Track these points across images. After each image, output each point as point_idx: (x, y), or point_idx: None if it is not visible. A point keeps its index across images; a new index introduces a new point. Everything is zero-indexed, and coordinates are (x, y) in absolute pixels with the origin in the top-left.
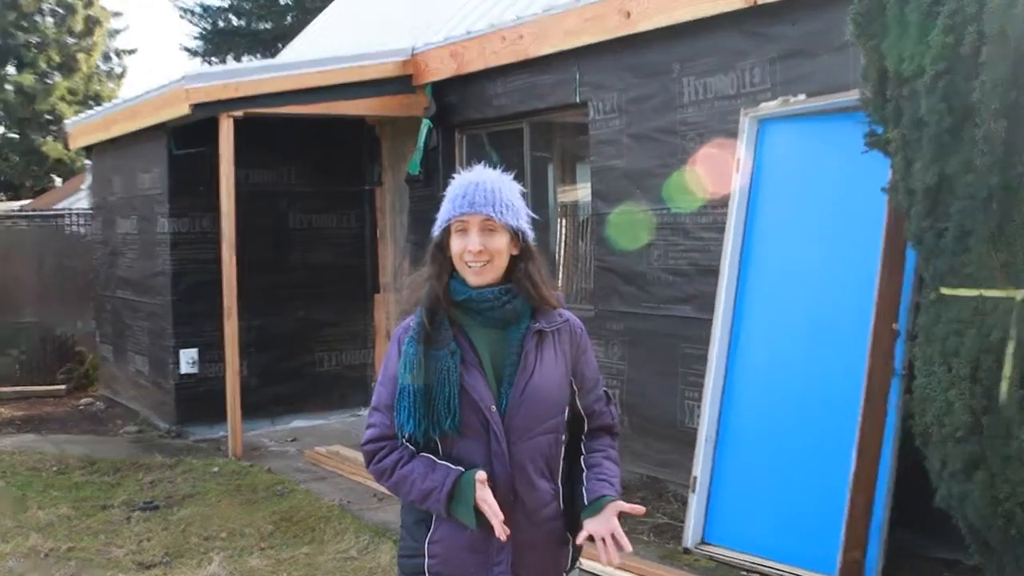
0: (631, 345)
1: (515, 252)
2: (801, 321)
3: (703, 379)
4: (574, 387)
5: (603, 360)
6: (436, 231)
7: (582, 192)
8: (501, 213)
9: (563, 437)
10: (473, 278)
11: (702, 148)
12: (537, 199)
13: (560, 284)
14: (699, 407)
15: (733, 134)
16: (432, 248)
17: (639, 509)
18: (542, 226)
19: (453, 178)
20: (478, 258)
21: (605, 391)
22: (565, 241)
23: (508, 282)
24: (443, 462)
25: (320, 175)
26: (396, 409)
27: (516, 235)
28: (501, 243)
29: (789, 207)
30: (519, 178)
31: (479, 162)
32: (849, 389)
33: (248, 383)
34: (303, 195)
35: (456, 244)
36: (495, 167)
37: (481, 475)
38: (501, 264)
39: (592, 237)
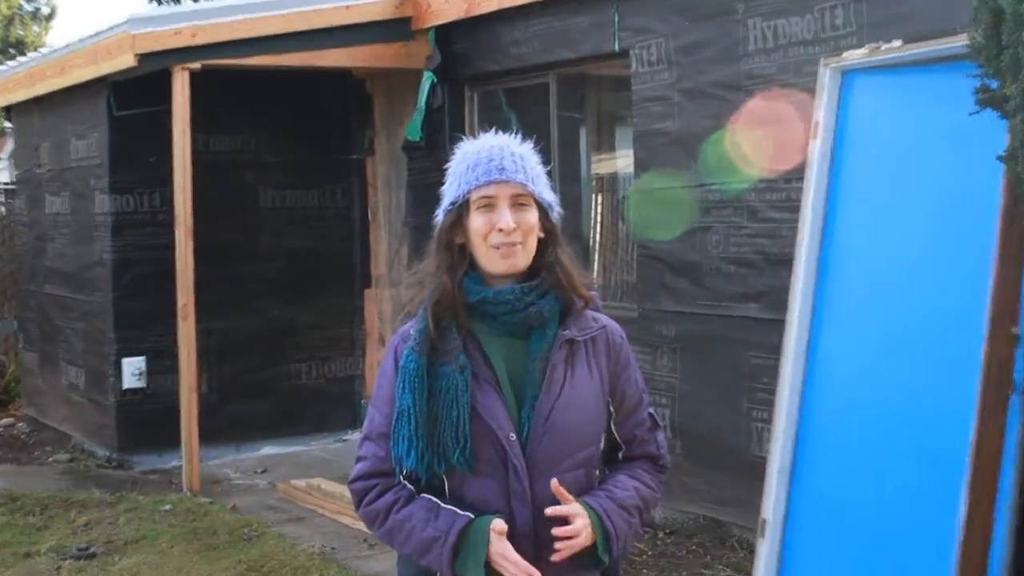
0: (684, 354)
1: (542, 235)
2: (896, 323)
3: (774, 396)
4: (611, 409)
5: (649, 373)
6: (444, 211)
7: (622, 162)
8: (534, 182)
9: (597, 472)
10: (502, 263)
11: (771, 107)
12: (566, 171)
13: (595, 277)
14: (769, 431)
15: (810, 89)
16: (440, 233)
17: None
18: (572, 204)
19: (458, 146)
20: (511, 237)
21: (650, 413)
22: (601, 223)
23: (531, 276)
24: (449, 506)
25: (297, 142)
26: (393, 438)
27: (543, 212)
28: (532, 219)
29: (880, 181)
30: (544, 144)
31: (492, 127)
32: (957, 408)
33: (208, 400)
34: (276, 166)
35: (479, 222)
36: (515, 133)
37: (499, 525)
38: (533, 247)
39: (635, 218)
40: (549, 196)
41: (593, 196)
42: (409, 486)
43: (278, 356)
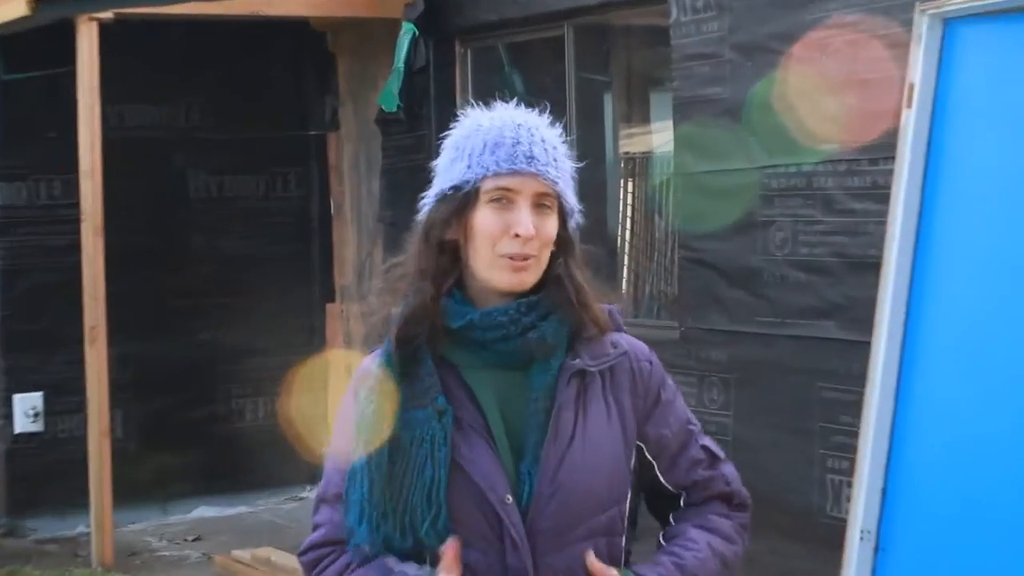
0: (739, 386)
1: (554, 247)
2: (1020, 345)
3: (856, 440)
4: (648, 458)
5: (692, 409)
6: (437, 196)
7: (659, 137)
8: (563, 179)
9: (623, 540)
10: (509, 277)
11: (851, 66)
12: (587, 150)
13: (624, 288)
14: (850, 485)
15: (903, 42)
16: (429, 225)
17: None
18: (595, 193)
19: (460, 117)
20: (527, 247)
21: (704, 447)
22: (632, 217)
23: (530, 292)
24: (404, 566)
25: (239, 114)
26: (344, 504)
27: (561, 219)
28: (554, 228)
29: (995, 160)
30: (558, 116)
31: (494, 94)
32: None
33: (124, 448)
34: (211, 145)
35: (490, 221)
36: (521, 102)
37: (449, 552)
38: (545, 262)
39: (675, 210)
40: (574, 201)
41: (621, 182)
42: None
43: (215, 391)
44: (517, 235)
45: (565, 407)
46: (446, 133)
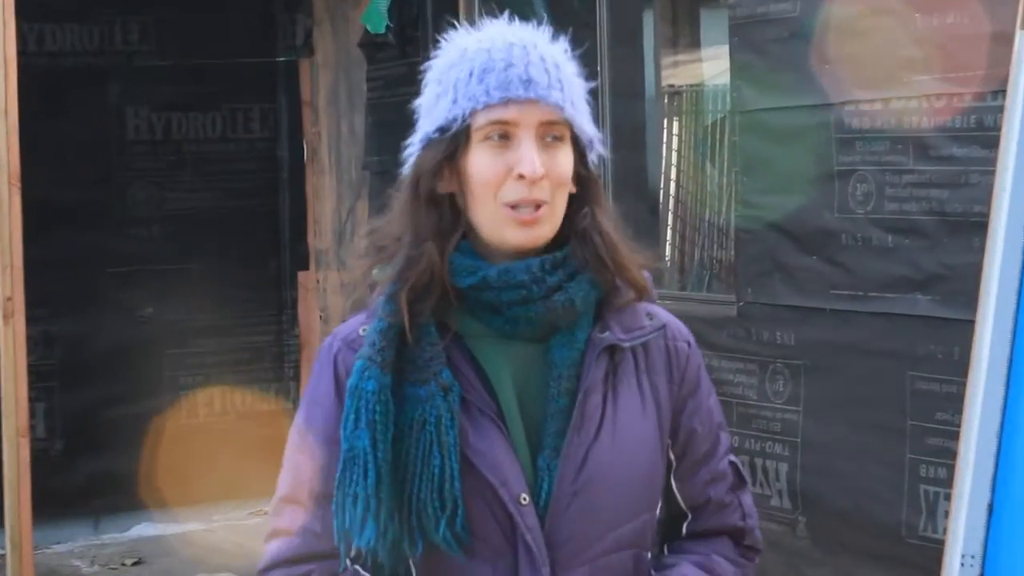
0: (811, 375)
1: (573, 189)
2: None
3: (955, 443)
4: (671, 456)
5: (754, 405)
6: (422, 141)
7: (711, 67)
8: (573, 105)
9: (650, 556)
10: (519, 232)
11: None
12: (622, 83)
13: (668, 253)
14: (948, 497)
15: None
16: (416, 176)
17: None
18: (631, 135)
19: (443, 39)
20: (535, 191)
21: (732, 462)
22: (678, 166)
23: (553, 248)
24: None
25: (190, 36)
26: (338, 500)
27: (579, 153)
28: (568, 165)
29: None
30: (587, 41)
31: (504, 10)
32: None
33: (47, 450)
34: (156, 75)
35: (486, 164)
36: (540, 23)
37: None
38: (561, 209)
39: (732, 157)
40: (591, 129)
41: (665, 123)
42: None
43: (160, 380)
44: (521, 176)
45: (592, 390)
46: (427, 64)
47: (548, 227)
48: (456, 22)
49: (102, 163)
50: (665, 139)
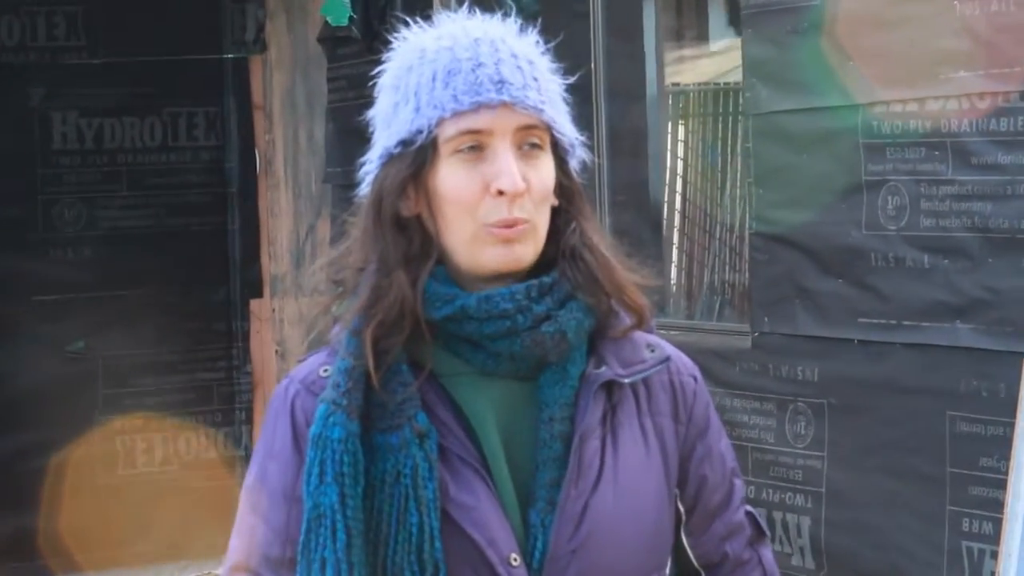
0: (837, 416)
1: (555, 201)
2: None
3: (1002, 492)
4: (679, 508)
5: (772, 450)
6: (382, 158)
7: (722, 63)
8: (551, 104)
9: None
10: (501, 254)
11: None
12: (619, 80)
13: (673, 276)
14: (994, 555)
15: None
16: (377, 198)
17: None
18: (631, 140)
19: (397, 40)
20: (516, 208)
21: (749, 512)
22: (684, 177)
23: (540, 272)
24: None
25: (125, 29)
26: (304, 567)
27: (559, 160)
28: (549, 176)
29: None
30: (577, 35)
31: (489, 3)
32: None
33: None
34: (87, 75)
35: (460, 180)
36: (512, 12)
37: None
38: (544, 226)
39: (746, 166)
40: (572, 130)
41: (669, 127)
42: None
43: (91, 424)
44: (501, 192)
45: (589, 433)
46: (380, 68)
47: (531, 247)
48: (430, 16)
49: (24, 176)
50: (669, 145)
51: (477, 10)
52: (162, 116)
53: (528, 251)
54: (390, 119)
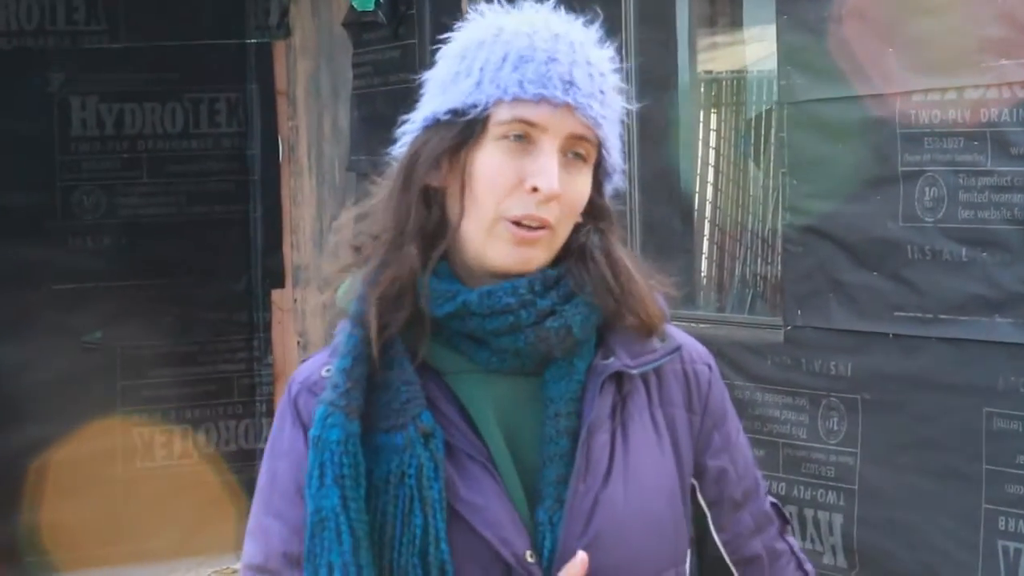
0: (871, 412)
1: (579, 218)
2: None
3: None
4: (700, 504)
5: (803, 446)
6: (428, 121)
7: (755, 51)
8: (608, 122)
9: None
10: (513, 252)
11: None
12: (651, 68)
13: (704, 268)
14: None
15: None
16: (412, 162)
17: None
18: (660, 130)
19: (467, 18)
20: (544, 211)
21: (774, 503)
22: (716, 167)
23: (552, 265)
24: None
25: (145, 13)
26: (309, 568)
27: (598, 181)
28: (586, 190)
29: None
30: (610, 18)
31: None
32: None
33: None
34: (107, 60)
35: (500, 166)
36: (590, 20)
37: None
38: (563, 237)
39: (780, 156)
40: (617, 155)
41: (701, 116)
42: None
43: (109, 416)
44: (535, 189)
45: (597, 427)
46: (447, 36)
47: (543, 253)
48: (459, 2)
49: (43, 163)
50: (701, 135)
51: (562, 6)
52: (183, 102)
53: (540, 256)
54: (447, 86)
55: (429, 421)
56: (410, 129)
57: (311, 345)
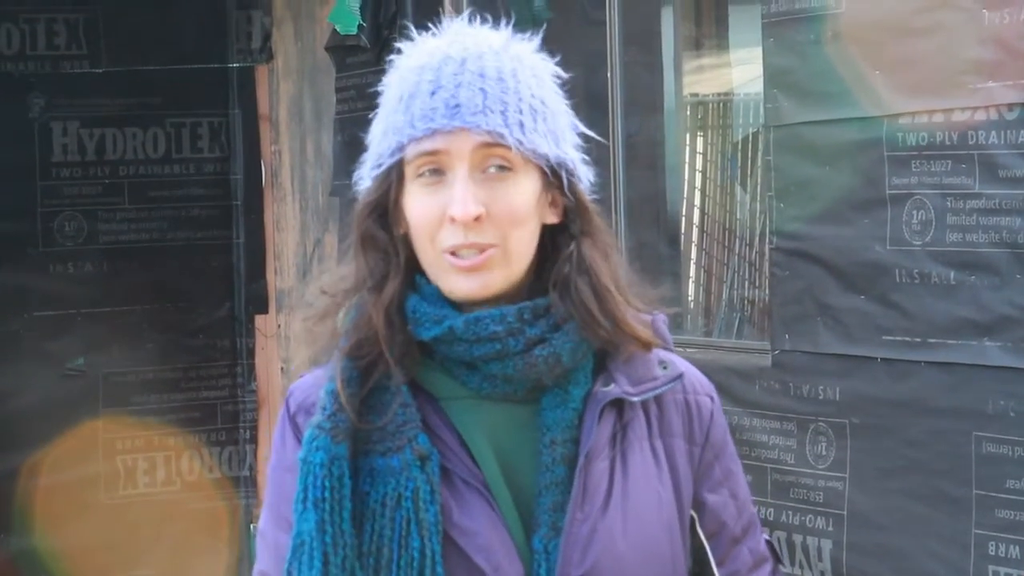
0: (859, 436)
1: (554, 219)
2: None
3: None
4: (701, 536)
5: (792, 471)
6: (372, 174)
7: (741, 73)
8: (521, 126)
9: None
10: (462, 283)
11: None
12: (635, 91)
13: (691, 292)
14: None
15: None
16: (360, 218)
17: None
18: (646, 153)
19: (398, 48)
20: (472, 234)
21: (768, 541)
22: (702, 190)
23: (538, 292)
24: None
25: (126, 37)
26: None
27: (556, 178)
28: (522, 199)
29: None
30: (593, 41)
31: (500, 10)
32: None
33: None
34: (89, 85)
35: (421, 206)
36: (507, 20)
37: None
38: (522, 250)
39: (767, 179)
40: (556, 149)
41: (687, 139)
42: None
43: (91, 444)
44: (453, 219)
45: (596, 454)
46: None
47: (501, 274)
48: (436, 21)
49: (23, 189)
50: (688, 158)
51: (478, 17)
52: (165, 127)
53: (496, 278)
54: (378, 137)
55: (425, 444)
56: (359, 183)
57: (294, 371)
